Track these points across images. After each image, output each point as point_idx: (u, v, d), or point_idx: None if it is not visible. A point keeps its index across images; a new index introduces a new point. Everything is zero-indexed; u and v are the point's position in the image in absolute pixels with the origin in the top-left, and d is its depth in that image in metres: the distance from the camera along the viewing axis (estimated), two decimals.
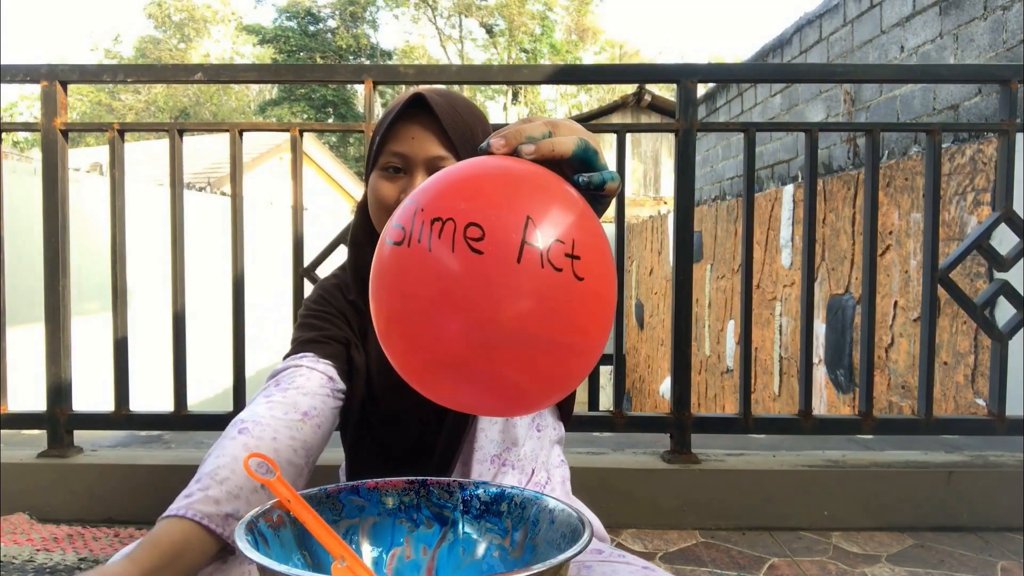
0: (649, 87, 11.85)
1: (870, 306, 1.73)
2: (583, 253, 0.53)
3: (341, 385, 0.91)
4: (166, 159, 1.80)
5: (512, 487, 0.69)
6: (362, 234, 0.97)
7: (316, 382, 0.87)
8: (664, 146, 12.32)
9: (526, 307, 0.51)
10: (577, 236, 0.53)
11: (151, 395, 3.37)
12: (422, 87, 0.92)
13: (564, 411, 1.04)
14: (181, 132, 1.76)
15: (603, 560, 0.80)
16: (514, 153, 0.58)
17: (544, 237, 0.51)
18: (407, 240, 0.53)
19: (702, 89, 5.99)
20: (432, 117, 0.87)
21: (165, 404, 1.78)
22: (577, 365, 0.56)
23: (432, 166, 0.88)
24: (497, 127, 0.96)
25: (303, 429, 0.82)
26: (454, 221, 0.51)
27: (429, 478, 0.71)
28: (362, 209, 0.97)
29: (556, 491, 0.99)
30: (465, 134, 0.89)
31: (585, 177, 0.59)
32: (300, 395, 0.84)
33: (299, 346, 0.92)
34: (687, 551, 1.56)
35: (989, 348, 1.83)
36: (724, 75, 2.38)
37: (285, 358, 0.93)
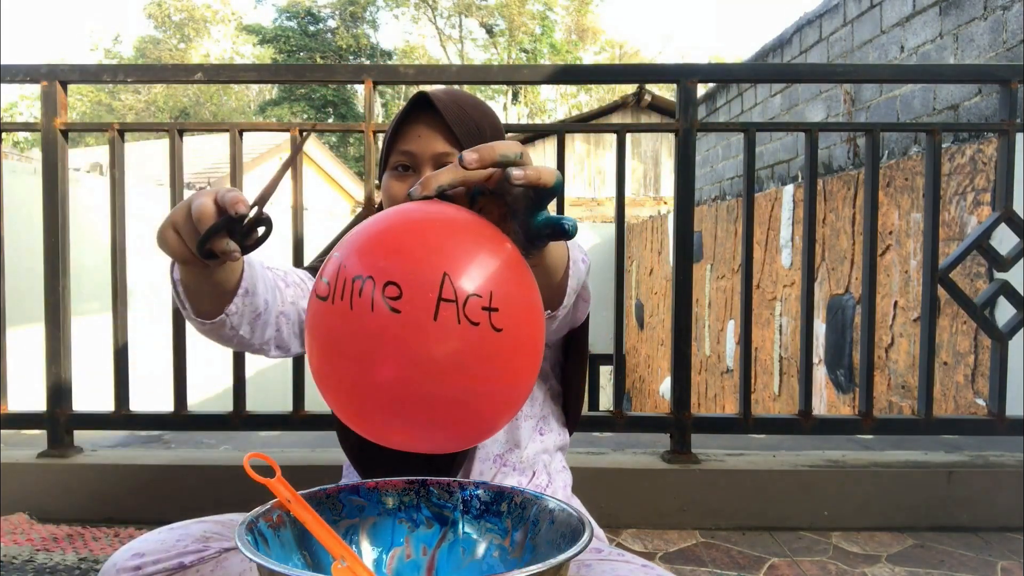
0: (649, 87, 11.85)
1: (870, 306, 1.73)
2: (502, 304, 0.54)
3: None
4: (166, 159, 1.80)
5: (512, 487, 0.69)
6: None
7: (301, 304, 0.90)
8: (664, 146, 12.31)
9: (444, 363, 0.53)
10: (496, 287, 0.54)
11: (151, 395, 3.37)
12: (428, 88, 0.94)
13: (570, 418, 1.04)
14: (181, 132, 1.76)
15: (603, 559, 0.80)
16: (488, 166, 0.57)
17: (460, 292, 0.53)
18: (331, 296, 0.55)
19: (702, 89, 5.99)
20: (438, 115, 0.89)
21: (165, 404, 1.78)
22: (500, 410, 0.59)
23: (439, 162, 0.90)
24: (507, 128, 0.97)
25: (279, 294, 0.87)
26: (373, 280, 0.53)
27: (429, 478, 0.71)
28: (373, 209, 0.99)
29: (557, 494, 0.98)
30: (471, 129, 0.90)
31: (547, 227, 0.58)
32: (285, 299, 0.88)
33: (313, 270, 0.97)
34: (687, 551, 1.56)
35: (989, 348, 1.83)
36: (724, 75, 2.38)
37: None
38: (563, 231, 0.58)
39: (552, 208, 0.62)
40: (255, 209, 0.62)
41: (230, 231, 0.62)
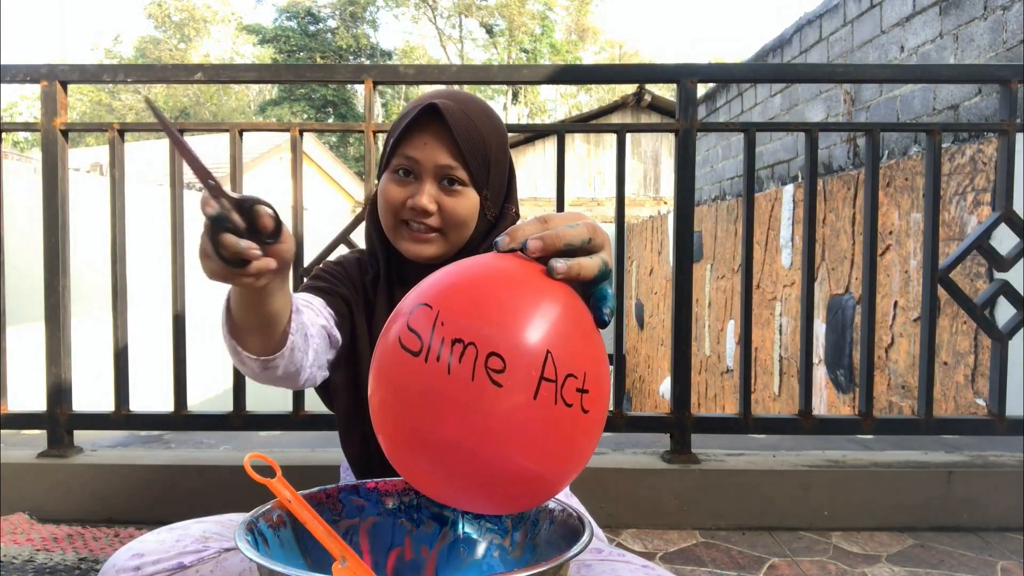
0: (649, 87, 11.85)
1: (870, 306, 1.73)
2: (591, 386, 0.55)
3: (338, 336, 0.91)
4: (166, 159, 1.80)
5: None
6: (376, 232, 0.99)
7: (319, 323, 0.88)
8: (664, 146, 12.31)
9: (534, 440, 0.53)
10: (589, 368, 0.55)
11: (151, 395, 3.37)
12: (438, 92, 0.93)
13: None
14: (181, 132, 1.75)
15: (603, 559, 0.80)
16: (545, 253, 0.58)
17: (561, 372, 0.53)
18: (424, 353, 0.53)
19: (702, 89, 5.99)
20: (445, 125, 0.88)
21: (165, 404, 1.78)
22: (565, 480, 0.59)
23: (441, 174, 0.89)
24: (507, 128, 0.97)
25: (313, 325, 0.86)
26: (476, 347, 0.51)
27: None
28: (373, 206, 0.98)
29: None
30: (477, 145, 0.90)
31: (607, 313, 0.60)
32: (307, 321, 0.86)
33: (309, 290, 0.94)
34: (687, 551, 1.56)
35: (989, 348, 1.83)
36: (724, 75, 2.37)
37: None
38: (604, 317, 0.60)
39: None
40: (221, 201, 0.58)
41: (235, 232, 0.59)
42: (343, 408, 0.96)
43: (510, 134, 1.13)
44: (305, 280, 1.00)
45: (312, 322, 0.85)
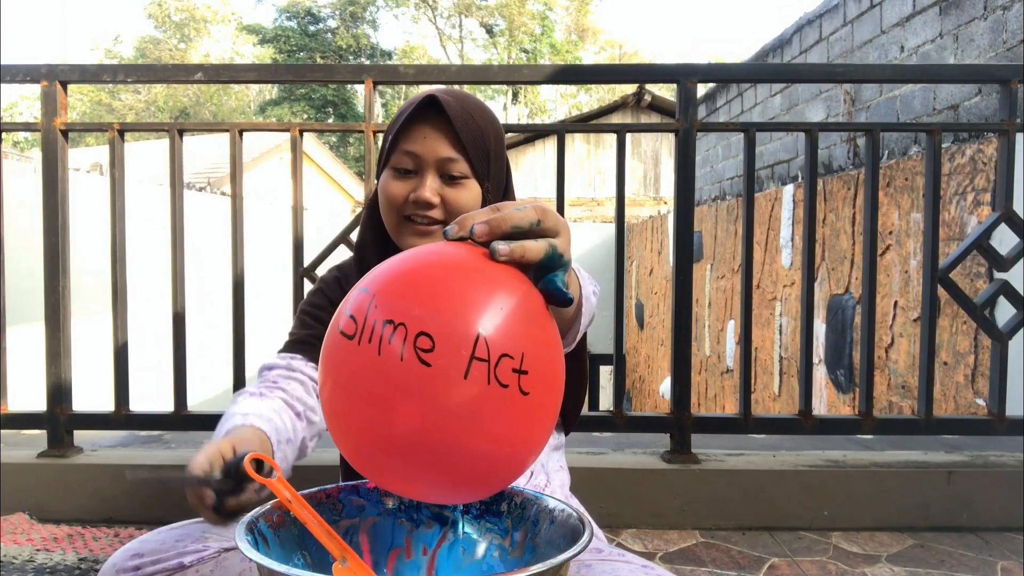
0: (649, 87, 11.85)
1: (870, 306, 1.73)
2: (531, 367, 0.53)
3: None
4: (166, 159, 1.80)
5: (512, 487, 0.69)
6: (369, 232, 0.98)
7: (302, 390, 0.91)
8: (664, 146, 12.32)
9: (465, 421, 0.52)
10: (528, 348, 0.53)
11: (151, 395, 3.37)
12: (435, 88, 0.93)
13: (568, 420, 1.04)
14: (181, 132, 1.76)
15: (603, 559, 0.80)
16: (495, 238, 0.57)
17: (494, 352, 0.51)
18: (358, 336, 0.53)
19: (702, 89, 5.99)
20: (444, 119, 0.88)
21: (165, 404, 1.78)
22: (511, 469, 0.58)
23: (442, 167, 0.89)
24: (506, 128, 0.97)
25: (296, 427, 0.88)
26: (406, 327, 0.51)
27: None
28: (371, 206, 0.98)
29: (556, 493, 0.98)
30: (476, 136, 0.90)
31: (561, 286, 0.58)
32: (290, 398, 0.90)
33: (291, 346, 0.97)
34: (687, 551, 1.56)
35: (989, 348, 1.83)
36: (724, 75, 2.38)
37: (279, 352, 0.97)
38: (558, 299, 0.58)
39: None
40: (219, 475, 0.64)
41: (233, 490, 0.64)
42: None
43: (510, 134, 1.13)
44: (290, 330, 1.01)
45: (290, 424, 0.87)
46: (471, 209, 0.90)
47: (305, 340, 0.96)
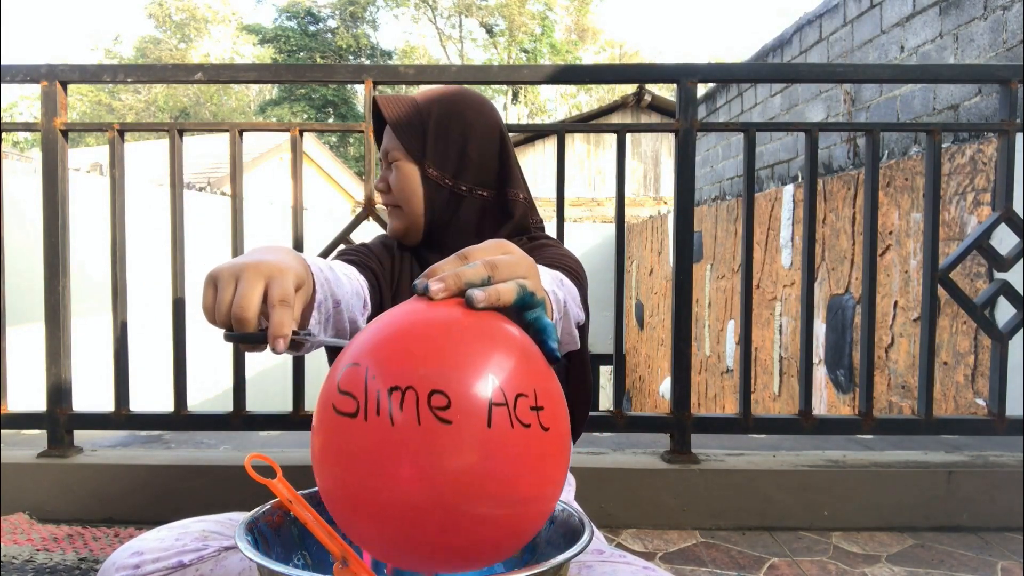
0: (649, 87, 11.85)
1: (870, 306, 1.73)
2: (545, 402, 0.52)
3: (368, 300, 0.93)
4: (166, 159, 1.80)
5: None
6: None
7: (356, 281, 0.89)
8: (664, 146, 12.31)
9: (501, 471, 0.49)
10: (538, 384, 0.52)
11: (151, 395, 3.37)
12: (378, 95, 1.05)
13: (576, 426, 1.04)
14: (181, 132, 1.76)
15: (603, 560, 0.80)
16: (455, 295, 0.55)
17: (510, 393, 0.50)
18: (362, 412, 0.49)
19: (702, 89, 5.99)
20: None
21: (165, 404, 1.78)
22: (546, 511, 0.55)
23: (387, 157, 1.02)
24: (507, 128, 0.98)
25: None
26: (415, 390, 0.48)
27: None
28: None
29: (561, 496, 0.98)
30: (409, 115, 1.00)
31: (555, 347, 0.57)
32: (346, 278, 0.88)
33: (342, 258, 0.99)
34: (687, 551, 1.56)
35: (989, 348, 1.83)
36: (724, 75, 2.37)
37: None
38: (549, 358, 0.56)
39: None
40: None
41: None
42: None
43: (510, 134, 1.13)
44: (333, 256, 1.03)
45: (345, 273, 0.87)
46: (407, 188, 1.00)
47: (355, 261, 0.97)
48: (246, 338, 0.58)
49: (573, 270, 0.92)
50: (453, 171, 1.00)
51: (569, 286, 0.81)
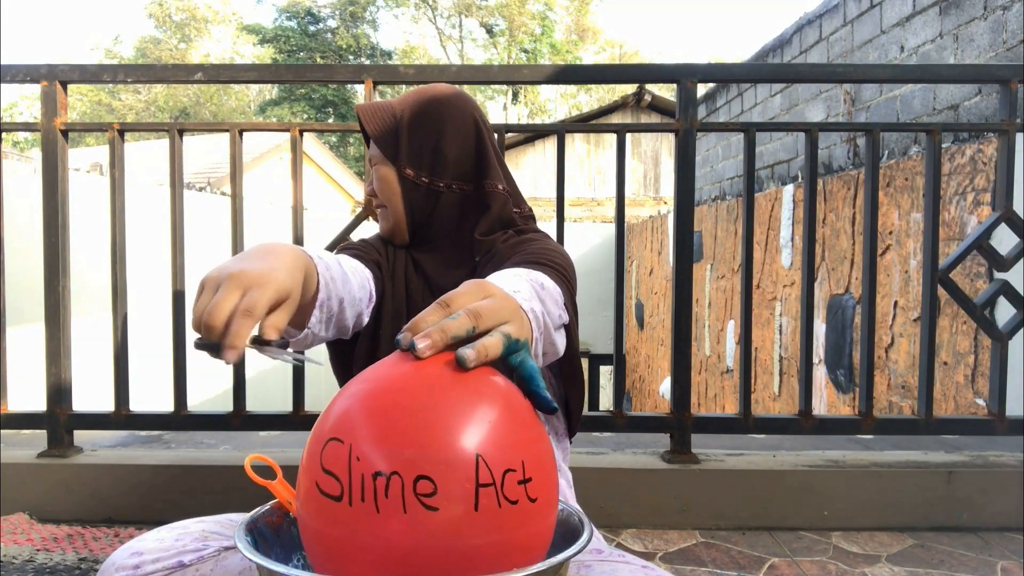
0: (649, 87, 11.85)
1: (870, 306, 1.73)
2: (534, 472, 0.51)
3: (372, 290, 0.95)
4: (166, 159, 1.80)
5: None
6: None
7: (361, 275, 0.92)
8: (664, 146, 12.31)
9: (487, 551, 0.49)
10: (527, 454, 0.51)
11: (151, 395, 3.36)
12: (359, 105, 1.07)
13: (571, 423, 1.04)
14: (181, 132, 1.76)
15: (602, 560, 0.80)
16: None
17: (497, 471, 0.49)
18: (347, 496, 0.48)
19: (702, 89, 5.99)
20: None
21: (165, 404, 1.78)
22: (533, 560, 0.54)
23: (372, 162, 1.05)
24: (498, 128, 0.98)
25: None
26: (400, 476, 0.47)
27: None
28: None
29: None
30: (382, 120, 1.02)
31: (549, 399, 0.56)
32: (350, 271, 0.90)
33: (346, 252, 1.00)
34: (687, 551, 1.56)
35: (989, 348, 1.83)
36: (724, 75, 2.37)
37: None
38: (544, 409, 0.56)
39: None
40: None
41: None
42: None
43: (510, 134, 1.14)
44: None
45: (351, 267, 0.89)
46: (386, 190, 1.02)
47: (356, 255, 0.99)
48: (209, 347, 0.61)
49: (559, 265, 0.89)
50: (428, 169, 1.00)
51: (551, 288, 0.78)
